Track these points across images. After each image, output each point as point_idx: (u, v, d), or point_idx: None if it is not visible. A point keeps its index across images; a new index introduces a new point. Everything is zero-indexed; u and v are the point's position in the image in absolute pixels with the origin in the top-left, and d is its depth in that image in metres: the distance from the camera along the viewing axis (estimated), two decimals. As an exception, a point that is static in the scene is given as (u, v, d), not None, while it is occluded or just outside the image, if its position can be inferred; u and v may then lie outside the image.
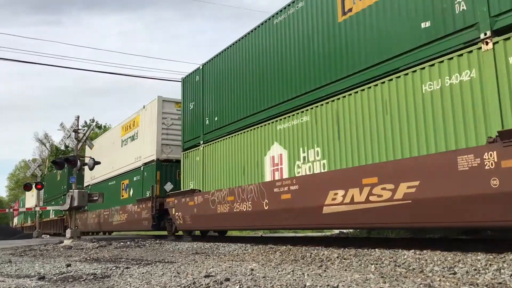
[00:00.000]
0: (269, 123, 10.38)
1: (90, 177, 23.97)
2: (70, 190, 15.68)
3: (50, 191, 32.34)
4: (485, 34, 6.17)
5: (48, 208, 27.81)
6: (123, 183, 18.95)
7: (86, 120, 52.98)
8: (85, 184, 24.87)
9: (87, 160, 17.25)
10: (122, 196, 18.86)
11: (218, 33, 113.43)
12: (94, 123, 53.87)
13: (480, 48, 6.22)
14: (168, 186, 15.61)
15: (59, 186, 29.72)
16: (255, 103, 11.10)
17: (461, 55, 6.45)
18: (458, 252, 6.06)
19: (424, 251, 6.43)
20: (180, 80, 15.14)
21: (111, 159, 20.40)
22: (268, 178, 10.19)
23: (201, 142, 13.22)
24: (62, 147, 47.63)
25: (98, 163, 17.33)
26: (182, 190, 13.87)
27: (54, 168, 21.62)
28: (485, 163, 5.71)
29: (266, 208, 9.86)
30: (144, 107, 17.35)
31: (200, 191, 12.81)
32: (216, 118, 12.67)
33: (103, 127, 57.02)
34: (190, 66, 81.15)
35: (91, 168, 16.90)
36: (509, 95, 5.91)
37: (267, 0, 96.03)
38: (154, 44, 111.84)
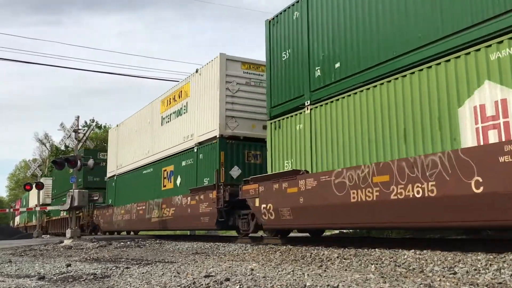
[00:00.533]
0: (469, 53, 6.45)
1: (116, 165, 20.56)
2: (70, 190, 15.67)
3: (61, 186, 29.34)
4: None
5: (49, 208, 27.79)
6: (165, 170, 15.62)
7: (86, 120, 52.92)
8: (109, 175, 21.55)
9: (98, 156, 17.25)
10: (164, 186, 15.54)
11: (218, 33, 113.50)
12: (94, 123, 53.85)
13: None
14: (235, 172, 12.32)
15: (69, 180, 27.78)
16: (426, 25, 7.14)
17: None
18: (458, 252, 6.06)
19: (424, 251, 6.43)
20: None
21: (145, 143, 17.44)
22: (468, 142, 6.31)
23: (307, 103, 9.51)
24: (62, 147, 47.62)
25: (98, 163, 17.38)
26: (271, 173, 10.24)
27: (54, 168, 21.61)
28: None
29: (477, 190, 5.93)
30: (197, 71, 14.04)
31: (307, 172, 9.22)
32: (337, 65, 8.85)
33: (103, 127, 56.99)
34: (190, 66, 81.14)
35: (91, 168, 16.92)
36: None
37: (266, 0, 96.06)
38: (154, 44, 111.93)
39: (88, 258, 8.68)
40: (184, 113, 14.67)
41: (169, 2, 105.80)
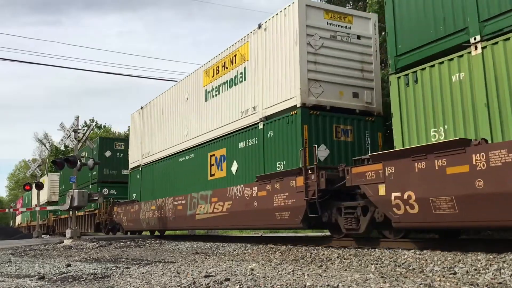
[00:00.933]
0: None
1: (142, 154, 17.68)
2: (70, 190, 15.66)
3: (69, 183, 27.30)
4: None
5: (48, 208, 27.77)
6: (212, 156, 12.91)
7: (86, 120, 52.95)
8: (132, 166, 18.81)
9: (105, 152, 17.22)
10: (212, 174, 12.83)
11: (218, 33, 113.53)
12: (94, 123, 53.85)
13: None
14: (323, 152, 9.59)
15: (84, 174, 23.15)
16: None
17: None
18: (458, 252, 6.06)
19: (424, 251, 6.43)
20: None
21: (181, 125, 14.84)
22: None
23: (475, 39, 6.59)
24: (62, 147, 47.67)
25: (98, 163, 17.31)
26: (401, 148, 7.46)
27: (54, 168, 21.58)
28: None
29: None
30: (260, 27, 11.24)
31: (486, 141, 6.11)
32: None
33: (102, 127, 57.01)
34: (189, 66, 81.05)
35: (91, 168, 16.88)
36: None
37: (266, 0, 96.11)
38: (154, 44, 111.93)
39: (88, 258, 8.68)
40: (241, 82, 11.88)
41: (169, 2, 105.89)
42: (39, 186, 25.12)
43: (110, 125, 58.41)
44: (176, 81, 16.93)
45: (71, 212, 15.95)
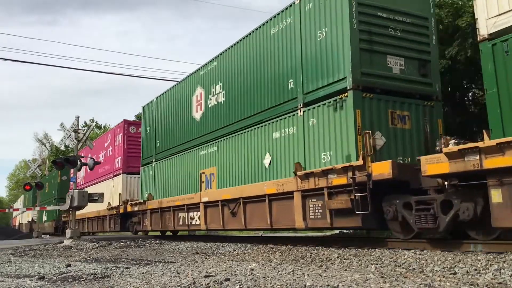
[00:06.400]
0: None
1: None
2: (70, 190, 15.65)
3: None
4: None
5: (48, 208, 27.76)
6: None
7: (86, 120, 52.91)
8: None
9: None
10: None
11: (216, 33, 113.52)
12: (94, 123, 53.77)
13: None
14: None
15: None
16: None
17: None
18: (458, 252, 6.06)
19: (424, 251, 6.43)
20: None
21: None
22: None
23: None
24: (62, 147, 47.65)
25: (98, 163, 17.30)
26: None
27: (54, 168, 21.58)
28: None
29: None
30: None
31: None
32: None
33: (102, 127, 56.98)
34: (189, 66, 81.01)
35: (91, 168, 16.87)
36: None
37: (264, 0, 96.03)
38: (152, 44, 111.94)
39: (88, 258, 8.68)
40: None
41: (166, 2, 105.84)
42: (39, 186, 25.12)
43: (109, 125, 58.40)
44: (176, 80, 17.00)
45: (70, 212, 15.94)
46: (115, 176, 20.22)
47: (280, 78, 10.19)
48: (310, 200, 8.90)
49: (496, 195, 5.88)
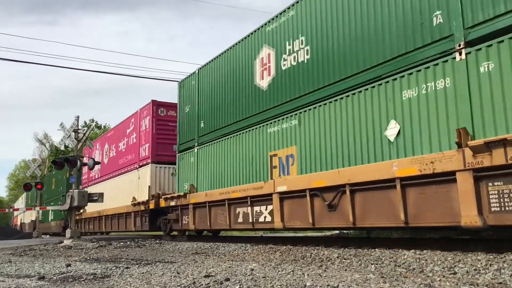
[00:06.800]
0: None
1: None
2: (70, 190, 15.65)
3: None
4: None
5: (48, 208, 27.76)
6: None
7: (86, 120, 52.95)
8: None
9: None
10: None
11: (216, 32, 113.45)
12: (94, 123, 53.82)
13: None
14: None
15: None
16: None
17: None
18: (458, 252, 6.06)
19: (424, 251, 6.43)
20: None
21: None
22: None
23: None
24: (62, 147, 47.64)
25: (98, 163, 17.30)
26: None
27: (54, 168, 21.54)
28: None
29: None
30: None
31: None
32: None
33: (102, 127, 57.02)
34: (189, 66, 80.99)
35: (91, 168, 16.88)
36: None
37: (263, 0, 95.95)
38: (152, 44, 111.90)
39: (88, 258, 8.68)
40: None
41: (166, 2, 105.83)
42: (39, 186, 25.14)
43: (109, 125, 58.47)
44: (176, 80, 16.79)
45: (70, 212, 15.93)
46: (141, 166, 17.27)
47: (413, 14, 7.41)
48: (490, 184, 5.93)
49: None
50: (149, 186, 16.06)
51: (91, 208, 21.87)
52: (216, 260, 7.19)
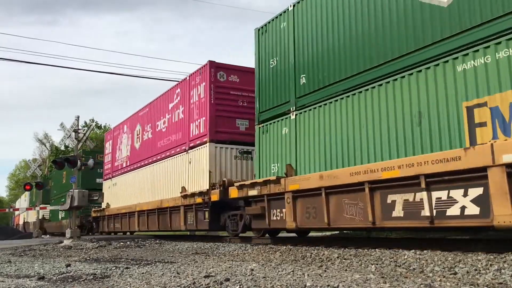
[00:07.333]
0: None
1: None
2: (70, 190, 15.65)
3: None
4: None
5: (48, 207, 27.77)
6: None
7: (86, 120, 52.94)
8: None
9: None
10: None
11: (216, 32, 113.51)
12: (94, 123, 53.82)
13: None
14: None
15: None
16: None
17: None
18: (458, 252, 6.06)
19: (425, 251, 6.43)
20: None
21: None
22: None
23: None
24: (62, 147, 47.65)
25: (98, 163, 17.29)
26: None
27: (54, 168, 21.53)
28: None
29: None
30: None
31: None
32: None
33: (102, 127, 57.00)
34: (189, 66, 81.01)
35: (91, 168, 16.86)
36: None
37: (264, 0, 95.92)
38: (152, 44, 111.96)
39: (88, 258, 8.67)
40: None
41: (166, 2, 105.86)
42: (39, 186, 25.14)
43: (109, 125, 58.46)
44: (177, 81, 15.75)
45: (70, 212, 15.92)
46: (192, 148, 13.48)
47: None
48: None
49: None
50: (209, 172, 12.21)
51: (115, 203, 19.30)
52: (216, 260, 7.18)
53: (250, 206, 10.71)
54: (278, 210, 9.79)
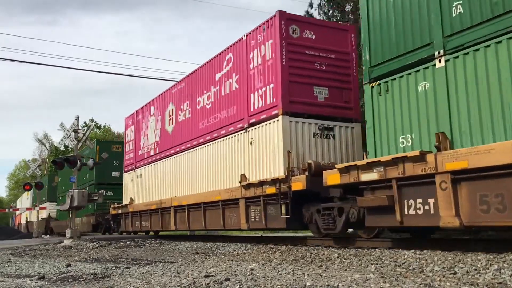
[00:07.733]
0: None
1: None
2: (70, 190, 15.66)
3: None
4: None
5: (49, 208, 27.76)
6: None
7: (86, 120, 52.99)
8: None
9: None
10: None
11: (215, 33, 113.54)
12: (93, 123, 53.92)
13: None
14: None
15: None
16: None
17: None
18: (458, 252, 6.06)
19: (424, 251, 6.43)
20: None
21: None
22: None
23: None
24: (62, 147, 47.67)
25: (98, 163, 17.29)
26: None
27: (54, 168, 21.51)
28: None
29: None
30: None
31: None
32: None
33: (102, 127, 57.03)
34: (189, 66, 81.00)
35: (91, 168, 16.87)
36: None
37: (263, 0, 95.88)
38: (152, 44, 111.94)
39: (88, 258, 8.68)
40: None
41: (166, 2, 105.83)
42: (39, 186, 25.15)
43: (109, 125, 58.49)
44: (176, 80, 15.37)
45: (70, 212, 15.93)
46: (252, 125, 10.63)
47: None
48: None
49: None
50: (288, 152, 9.37)
51: (141, 198, 16.58)
52: (216, 260, 7.19)
53: (361, 195, 7.58)
54: (420, 201, 6.67)
